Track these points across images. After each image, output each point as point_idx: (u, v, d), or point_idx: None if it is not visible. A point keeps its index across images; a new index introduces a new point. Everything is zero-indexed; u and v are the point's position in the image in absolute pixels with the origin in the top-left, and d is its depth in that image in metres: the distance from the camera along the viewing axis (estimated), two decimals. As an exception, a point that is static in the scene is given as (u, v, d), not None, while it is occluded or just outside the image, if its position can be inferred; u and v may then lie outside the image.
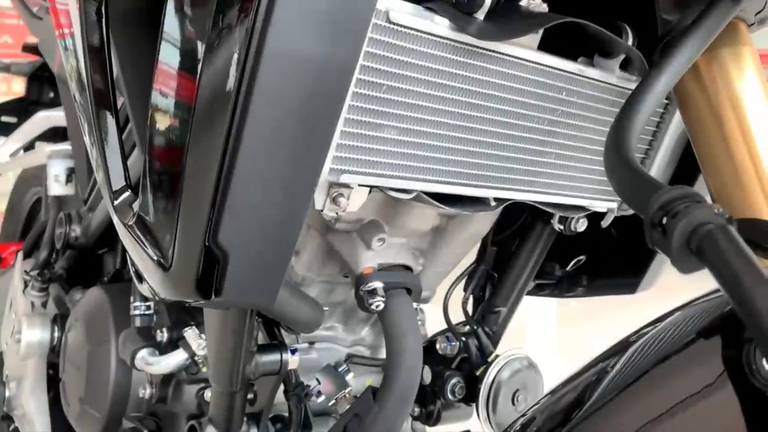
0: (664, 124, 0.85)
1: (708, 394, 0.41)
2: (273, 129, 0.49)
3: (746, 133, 0.66)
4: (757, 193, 0.64)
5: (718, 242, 0.37)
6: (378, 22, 0.56)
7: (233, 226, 0.52)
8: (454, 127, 0.67)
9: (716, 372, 0.41)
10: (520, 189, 0.76)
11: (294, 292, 0.69)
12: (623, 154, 0.52)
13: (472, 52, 0.64)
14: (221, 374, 0.76)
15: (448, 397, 0.94)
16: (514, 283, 1.01)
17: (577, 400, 0.51)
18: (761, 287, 0.33)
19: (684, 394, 0.43)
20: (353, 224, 0.82)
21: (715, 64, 0.69)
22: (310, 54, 0.48)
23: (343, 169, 0.60)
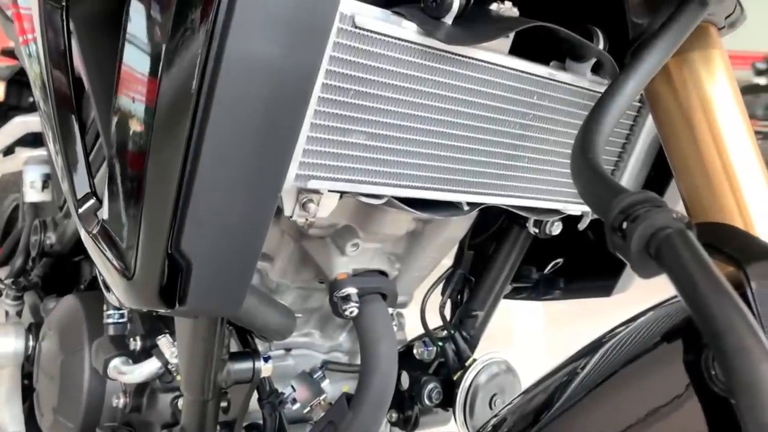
0: (637, 128, 0.85)
1: (670, 399, 0.41)
2: (234, 134, 0.49)
3: (717, 136, 0.67)
4: (728, 195, 0.64)
5: (675, 247, 0.36)
6: (343, 27, 0.55)
7: (196, 233, 0.51)
8: (425, 132, 0.66)
9: (677, 376, 0.40)
10: (492, 193, 0.76)
11: (263, 300, 0.68)
12: (588, 158, 0.52)
13: (441, 57, 0.64)
14: (192, 383, 0.75)
15: (425, 402, 0.94)
16: (491, 286, 1.01)
17: (547, 401, 0.50)
18: (716, 293, 0.33)
19: (647, 398, 0.43)
20: (327, 230, 0.82)
21: (685, 67, 0.69)
22: (271, 58, 0.48)
23: (310, 175, 0.59)
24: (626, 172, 0.86)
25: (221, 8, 0.46)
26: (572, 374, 0.50)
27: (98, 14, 0.63)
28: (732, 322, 0.31)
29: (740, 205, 0.61)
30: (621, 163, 0.86)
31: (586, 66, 0.77)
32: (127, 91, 0.54)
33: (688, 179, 0.67)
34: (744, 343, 0.30)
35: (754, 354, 0.30)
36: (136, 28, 0.53)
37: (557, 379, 0.51)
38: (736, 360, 0.30)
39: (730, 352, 0.30)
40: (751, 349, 0.30)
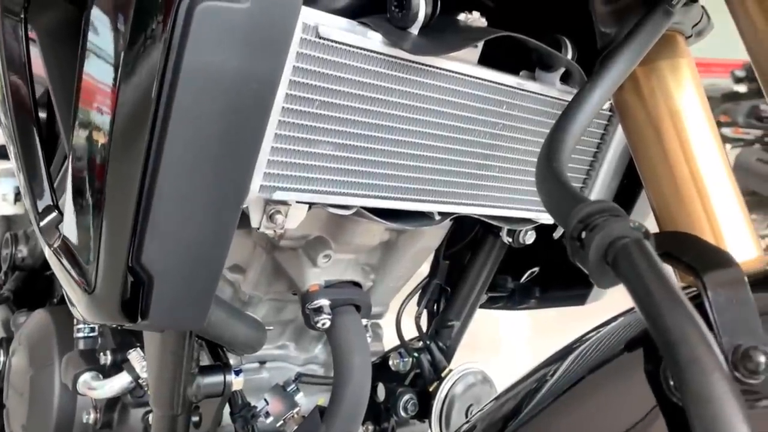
0: (608, 137, 0.86)
1: (631, 408, 0.41)
2: (194, 146, 0.48)
3: (685, 144, 0.67)
4: (696, 204, 0.64)
5: (631, 256, 0.36)
6: (307, 37, 0.55)
7: (157, 246, 0.50)
8: (393, 142, 0.66)
9: (638, 386, 0.40)
10: (464, 203, 0.76)
11: (231, 313, 0.68)
12: (552, 167, 0.52)
13: (408, 67, 0.63)
14: (161, 397, 0.74)
15: (401, 414, 0.93)
16: (467, 296, 1.00)
17: (516, 408, 0.50)
18: (669, 303, 0.32)
19: (609, 407, 0.42)
20: (298, 241, 0.81)
21: (653, 76, 0.69)
22: (230, 70, 0.47)
23: (276, 186, 0.59)
24: (598, 182, 0.86)
25: (178, 20, 0.45)
26: (541, 381, 0.49)
27: (59, 24, 0.62)
28: (685, 333, 0.31)
29: (708, 214, 0.62)
30: (592, 171, 0.87)
31: (555, 75, 0.77)
32: (86, 101, 0.53)
33: (656, 188, 0.68)
34: (696, 354, 0.30)
35: (706, 365, 0.30)
36: (94, 38, 0.52)
37: (527, 385, 0.51)
38: (688, 371, 0.30)
39: (682, 363, 0.30)
40: (703, 361, 0.30)
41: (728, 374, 0.30)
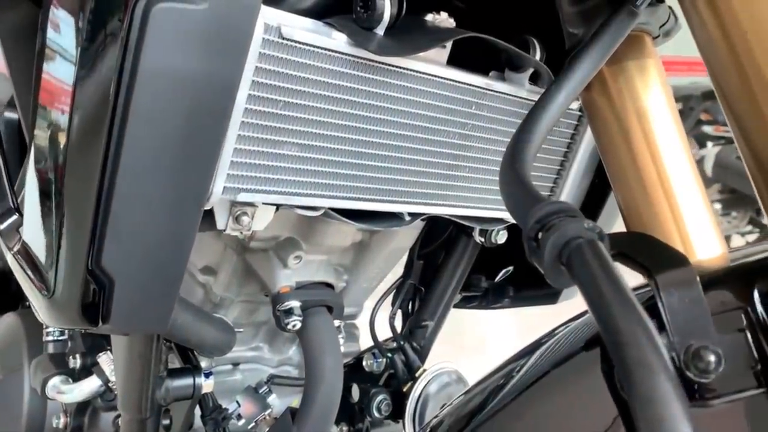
0: (579, 137, 0.86)
1: (589, 407, 0.41)
2: (152, 148, 0.48)
3: (651, 145, 0.67)
4: (663, 203, 0.65)
5: (584, 257, 0.36)
6: (269, 38, 0.55)
7: (117, 249, 0.50)
8: (361, 143, 0.66)
9: (595, 384, 0.40)
10: (434, 203, 0.76)
11: (198, 316, 0.67)
12: (514, 168, 0.52)
13: (375, 68, 0.63)
14: (130, 401, 0.73)
15: (374, 414, 0.93)
16: (441, 296, 1.00)
17: (482, 403, 0.50)
18: (618, 304, 0.33)
19: (568, 405, 0.43)
20: (269, 242, 0.81)
21: (621, 76, 0.70)
22: (188, 71, 0.47)
23: (240, 188, 0.58)
24: (568, 181, 0.87)
25: (135, 21, 0.45)
26: (508, 376, 0.50)
27: (21, 24, 0.61)
28: (632, 334, 0.31)
29: (674, 212, 0.62)
30: (563, 171, 0.87)
31: (523, 76, 0.77)
32: (45, 101, 0.53)
33: (624, 188, 0.68)
34: (642, 355, 0.30)
35: (652, 367, 0.30)
36: (52, 37, 0.52)
37: (494, 380, 0.51)
38: (634, 372, 0.30)
39: (629, 364, 0.30)
40: (649, 362, 0.30)
41: (674, 375, 0.30)
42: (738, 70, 0.39)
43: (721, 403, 0.38)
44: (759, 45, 0.39)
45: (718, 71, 0.42)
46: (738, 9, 0.40)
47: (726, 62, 0.41)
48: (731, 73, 0.40)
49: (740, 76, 0.39)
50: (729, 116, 0.42)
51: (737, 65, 0.39)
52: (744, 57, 0.39)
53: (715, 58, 0.42)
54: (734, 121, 0.42)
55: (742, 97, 0.39)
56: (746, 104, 0.39)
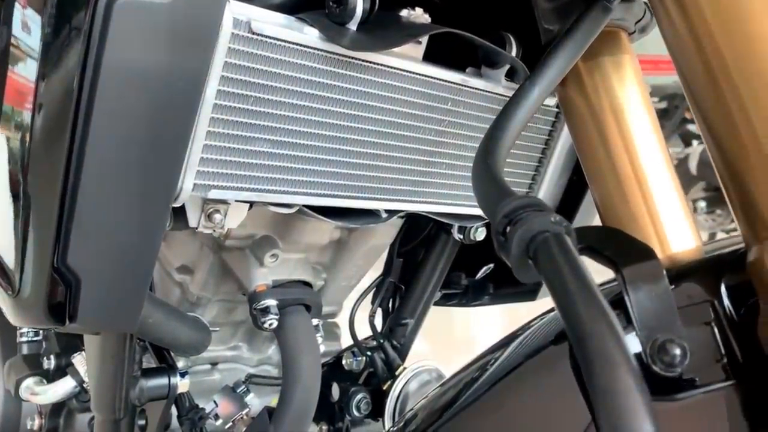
0: (556, 133, 0.86)
1: (559, 399, 0.41)
2: (118, 144, 0.47)
3: (627, 141, 0.67)
4: (638, 198, 0.65)
5: (550, 251, 0.36)
6: (238, 33, 0.54)
7: (83, 247, 0.49)
8: (335, 139, 0.65)
9: (565, 377, 0.40)
10: (411, 200, 0.75)
11: (172, 314, 0.66)
12: (486, 163, 0.51)
13: (348, 63, 0.63)
14: (102, 401, 0.72)
15: (354, 413, 0.93)
16: (421, 294, 1.00)
17: (455, 396, 0.50)
18: (582, 298, 0.32)
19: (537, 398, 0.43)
20: (245, 240, 0.80)
21: (596, 72, 0.69)
22: (153, 66, 0.46)
23: (210, 185, 0.58)
24: (546, 178, 0.87)
25: (97, 16, 0.44)
26: (482, 369, 0.49)
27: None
28: (594, 327, 0.31)
29: (649, 207, 0.62)
30: (541, 168, 0.87)
31: (500, 72, 0.77)
32: (9, 97, 0.52)
33: (599, 183, 0.68)
34: (604, 349, 0.30)
35: (614, 360, 0.30)
36: (17, 36, 0.51)
37: (468, 373, 0.51)
38: (596, 366, 0.30)
39: (591, 357, 0.30)
40: (611, 356, 0.30)
41: (636, 368, 0.30)
42: (705, 69, 0.39)
43: (688, 396, 0.38)
44: (726, 45, 0.38)
45: (686, 70, 0.42)
46: (705, 7, 0.39)
47: (693, 62, 0.40)
48: (699, 73, 0.40)
49: (708, 75, 0.39)
50: (697, 116, 0.41)
51: (705, 65, 0.39)
52: (711, 57, 0.39)
53: (683, 58, 0.42)
54: (702, 121, 0.41)
55: (709, 97, 0.39)
56: (714, 104, 0.39)
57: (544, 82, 0.64)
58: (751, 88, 0.37)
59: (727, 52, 0.39)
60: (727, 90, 0.38)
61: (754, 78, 0.37)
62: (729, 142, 0.38)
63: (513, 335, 0.51)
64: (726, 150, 0.39)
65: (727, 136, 0.38)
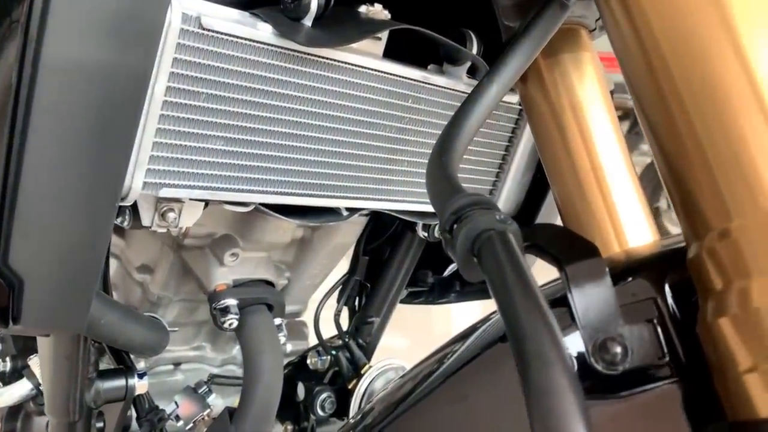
0: (519, 131, 0.86)
1: (503, 395, 0.41)
2: (59, 142, 0.46)
3: (586, 137, 0.67)
4: (596, 194, 0.65)
5: (493, 249, 0.36)
6: (188, 28, 0.53)
7: (25, 247, 0.48)
8: (291, 137, 0.64)
9: (509, 375, 0.40)
10: (372, 198, 0.75)
11: (126, 315, 0.65)
12: (440, 161, 0.51)
13: (305, 60, 0.62)
14: (56, 404, 0.71)
15: (318, 412, 0.92)
16: (387, 292, 1.00)
17: (411, 389, 0.50)
18: (521, 296, 0.32)
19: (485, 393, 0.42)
20: (204, 239, 0.79)
21: (556, 69, 0.69)
22: (95, 61, 0.45)
23: (162, 183, 0.57)
24: (509, 176, 0.87)
25: (35, 10, 0.43)
26: (440, 362, 0.49)
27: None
28: (532, 326, 0.31)
29: (608, 204, 0.62)
30: (505, 165, 0.87)
31: (461, 69, 0.77)
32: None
33: (559, 180, 0.68)
34: (539, 348, 0.30)
35: (548, 359, 0.29)
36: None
37: (426, 366, 0.50)
38: (531, 365, 0.29)
39: (526, 356, 0.30)
40: (545, 355, 0.29)
41: (571, 368, 0.29)
42: (648, 69, 0.39)
43: (631, 395, 0.38)
44: (667, 45, 0.38)
45: (629, 69, 0.42)
46: (647, 8, 0.39)
47: (636, 61, 0.40)
48: (641, 73, 0.40)
49: (650, 75, 0.39)
50: (640, 115, 0.41)
51: (647, 65, 0.39)
52: (653, 57, 0.39)
53: (627, 57, 0.42)
54: (645, 120, 0.41)
55: (651, 97, 0.39)
56: (655, 103, 0.39)
57: (502, 79, 0.64)
58: (691, 87, 0.37)
59: (668, 52, 0.39)
60: (668, 90, 0.38)
61: (695, 77, 0.37)
62: (670, 141, 0.38)
63: (474, 327, 0.51)
64: (667, 148, 0.38)
65: (668, 135, 0.38)
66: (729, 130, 0.35)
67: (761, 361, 0.32)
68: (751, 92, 0.35)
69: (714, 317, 0.35)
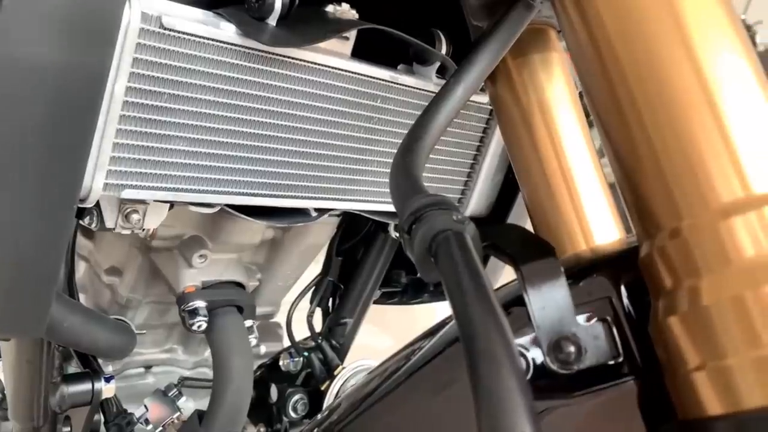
0: (491, 131, 0.86)
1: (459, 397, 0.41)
2: (11, 144, 0.45)
3: (554, 138, 0.67)
4: (564, 193, 0.65)
5: (449, 249, 0.36)
6: (148, 27, 0.52)
7: (-22, 250, 0.47)
8: (256, 137, 0.64)
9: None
10: (340, 198, 0.75)
11: (89, 318, 0.64)
12: (403, 161, 0.51)
13: (270, 59, 0.62)
14: (20, 409, 0.70)
15: (291, 414, 0.92)
16: (360, 292, 0.99)
17: (377, 386, 0.49)
18: (473, 296, 0.32)
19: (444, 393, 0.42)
20: (172, 241, 0.78)
21: (525, 69, 0.70)
22: (49, 61, 0.44)
23: (123, 184, 0.56)
24: (481, 177, 0.87)
25: None
26: (406, 359, 0.49)
27: None
28: (482, 326, 0.31)
29: (575, 203, 0.63)
30: (476, 165, 0.87)
31: (431, 69, 0.77)
32: None
33: (528, 179, 0.68)
34: (488, 347, 0.30)
35: (496, 359, 0.29)
36: None
37: (393, 363, 0.50)
38: (479, 365, 0.29)
39: (475, 356, 0.30)
40: (494, 355, 0.29)
41: (520, 369, 0.29)
42: (602, 72, 0.39)
43: (586, 394, 0.38)
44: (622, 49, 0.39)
45: (584, 71, 0.42)
46: (602, 10, 0.40)
47: (591, 63, 0.41)
48: (596, 75, 0.40)
49: (604, 77, 0.39)
50: (594, 116, 0.42)
51: (602, 67, 0.39)
52: (607, 59, 0.39)
53: (581, 58, 0.42)
54: (598, 121, 0.42)
55: (604, 97, 0.39)
56: (608, 104, 0.39)
57: (469, 79, 0.64)
58: (643, 88, 0.37)
59: (622, 53, 0.39)
60: (621, 91, 0.38)
61: (647, 78, 0.37)
62: (622, 141, 0.38)
63: (441, 323, 0.51)
64: (619, 148, 0.39)
65: (620, 135, 0.38)
66: (679, 131, 0.35)
67: (709, 359, 0.33)
68: (702, 93, 0.35)
69: (664, 316, 0.35)
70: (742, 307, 0.32)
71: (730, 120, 0.35)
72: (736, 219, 0.33)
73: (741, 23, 0.40)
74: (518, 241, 0.41)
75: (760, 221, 0.33)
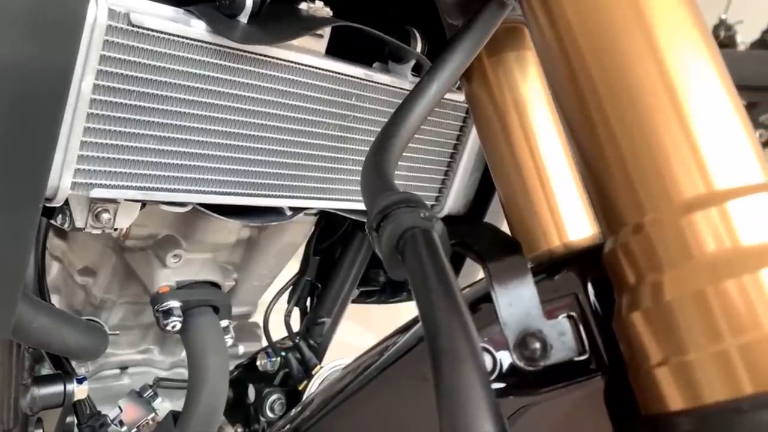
0: (468, 129, 0.86)
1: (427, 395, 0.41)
2: (-26, 140, 0.44)
3: (529, 136, 0.68)
4: (538, 190, 0.66)
5: (415, 246, 0.36)
6: (115, 24, 0.52)
7: (-59, 250, 0.46)
8: (228, 135, 0.63)
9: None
10: (315, 197, 0.74)
11: (59, 318, 0.63)
12: (375, 159, 0.51)
13: (241, 57, 0.61)
14: (-10, 412, 0.69)
15: (268, 414, 0.91)
16: (338, 292, 0.99)
17: (350, 382, 0.49)
18: (438, 293, 0.32)
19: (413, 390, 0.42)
20: (146, 240, 0.77)
21: (500, 68, 0.70)
22: (9, 58, 0.44)
23: (92, 183, 0.55)
24: (458, 174, 0.87)
25: None
26: (379, 355, 0.49)
27: None
28: (445, 323, 0.31)
29: (549, 201, 0.63)
30: (453, 164, 0.87)
31: (406, 67, 0.76)
32: None
33: (503, 177, 0.68)
34: (450, 345, 0.30)
35: (458, 356, 0.29)
36: None
37: (366, 359, 0.50)
38: (441, 362, 0.29)
39: (437, 353, 0.30)
40: (456, 352, 0.29)
41: (482, 366, 0.29)
42: (566, 67, 0.39)
43: (552, 390, 0.38)
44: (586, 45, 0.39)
45: (549, 67, 0.42)
46: (568, 10, 0.40)
47: (555, 58, 0.41)
48: (560, 71, 0.40)
49: (568, 73, 0.39)
50: (559, 112, 0.42)
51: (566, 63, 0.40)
52: (572, 55, 0.39)
53: (546, 54, 0.42)
54: (563, 116, 0.42)
55: (569, 92, 0.39)
56: (573, 99, 0.39)
57: (443, 76, 0.64)
58: (607, 83, 0.37)
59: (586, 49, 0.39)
60: (585, 87, 0.38)
61: (610, 73, 0.37)
62: (586, 136, 0.38)
63: (415, 320, 0.50)
64: (583, 143, 0.39)
65: (584, 130, 0.39)
66: (642, 127, 0.36)
67: (671, 354, 0.33)
68: (665, 91, 0.36)
69: (628, 312, 0.35)
70: (703, 302, 0.32)
71: (693, 117, 0.35)
72: (697, 214, 0.33)
73: (705, 22, 0.40)
74: (487, 239, 0.41)
75: (722, 217, 0.33)
